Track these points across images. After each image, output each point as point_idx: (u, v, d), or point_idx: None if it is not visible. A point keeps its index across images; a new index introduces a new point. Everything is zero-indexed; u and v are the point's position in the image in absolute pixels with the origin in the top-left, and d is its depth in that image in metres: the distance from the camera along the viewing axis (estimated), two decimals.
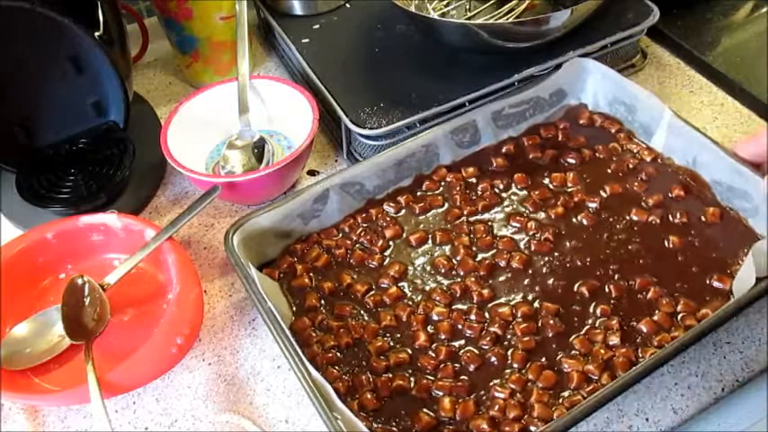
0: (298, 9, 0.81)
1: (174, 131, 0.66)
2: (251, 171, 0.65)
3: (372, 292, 0.57)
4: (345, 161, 0.72)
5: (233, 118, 0.70)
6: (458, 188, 0.64)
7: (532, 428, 0.47)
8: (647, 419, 0.51)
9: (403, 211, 0.63)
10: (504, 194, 0.64)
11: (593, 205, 0.62)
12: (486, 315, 0.55)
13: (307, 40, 0.77)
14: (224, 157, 0.68)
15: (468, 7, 0.79)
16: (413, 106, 0.66)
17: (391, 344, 0.53)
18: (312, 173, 0.72)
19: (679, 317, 0.53)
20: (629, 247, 0.58)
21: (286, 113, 0.71)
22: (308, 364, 0.48)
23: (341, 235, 0.62)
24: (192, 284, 0.54)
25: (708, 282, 0.55)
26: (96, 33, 0.64)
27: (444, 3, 0.79)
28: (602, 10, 0.70)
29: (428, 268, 0.59)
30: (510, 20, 0.74)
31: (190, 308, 0.53)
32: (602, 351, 0.51)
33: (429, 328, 0.54)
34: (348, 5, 0.82)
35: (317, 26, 0.79)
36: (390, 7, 0.72)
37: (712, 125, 0.72)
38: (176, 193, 0.72)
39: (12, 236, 0.61)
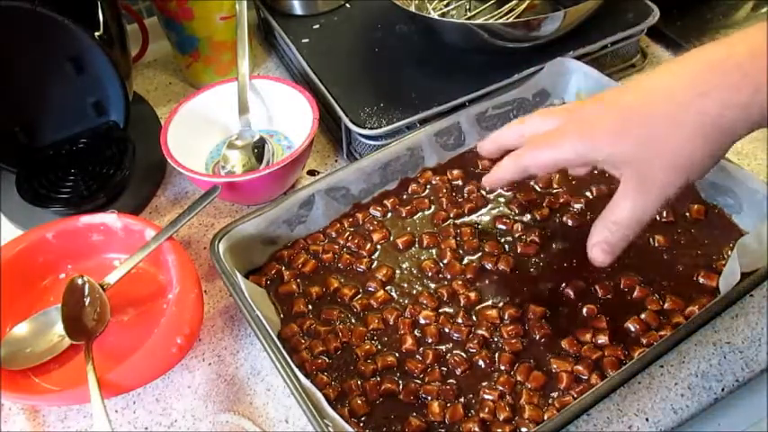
0: (298, 9, 0.81)
1: (174, 131, 0.66)
2: (251, 171, 0.65)
3: (360, 296, 0.57)
4: (345, 161, 0.72)
5: (233, 118, 0.70)
6: (444, 191, 0.64)
7: (524, 430, 0.47)
8: (647, 419, 0.51)
9: (389, 215, 0.63)
10: (490, 196, 0.64)
11: (578, 206, 0.62)
12: (474, 318, 0.54)
13: (307, 40, 0.77)
14: (224, 157, 0.68)
15: (468, 7, 0.79)
16: (413, 106, 0.66)
17: (379, 347, 0.53)
18: (312, 173, 0.72)
19: (666, 315, 0.53)
20: None
21: (286, 113, 0.71)
22: (297, 371, 0.48)
23: (327, 240, 0.61)
24: (192, 284, 0.54)
25: (694, 279, 0.55)
26: (96, 33, 0.64)
27: (444, 3, 0.79)
28: (602, 10, 0.70)
29: (415, 271, 0.59)
30: (510, 20, 0.74)
31: (190, 308, 0.53)
32: (591, 351, 0.51)
33: (416, 331, 0.54)
34: (348, 5, 0.82)
35: (316, 26, 0.79)
36: (390, 7, 0.72)
37: None
38: (176, 193, 0.72)
39: (12, 236, 0.61)
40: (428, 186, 0.65)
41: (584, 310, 0.54)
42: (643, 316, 0.53)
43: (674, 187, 0.41)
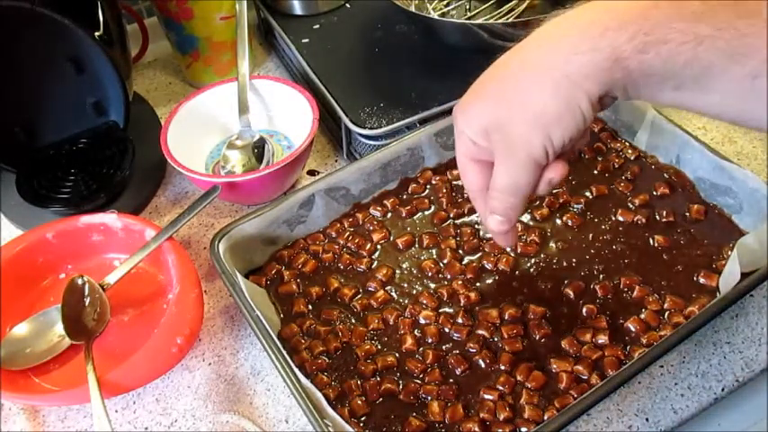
0: (298, 9, 0.81)
1: (174, 131, 0.67)
2: (251, 171, 0.65)
3: (360, 296, 0.57)
4: (345, 161, 0.72)
5: (233, 118, 0.70)
6: (444, 190, 0.64)
7: (524, 430, 0.47)
8: (647, 419, 0.51)
9: (389, 215, 0.63)
10: None
11: (578, 206, 0.62)
12: (474, 318, 0.54)
13: (307, 40, 0.77)
14: (224, 157, 0.68)
15: (468, 7, 0.79)
16: (413, 106, 0.66)
17: (379, 347, 0.53)
18: (312, 173, 0.72)
19: (666, 315, 0.53)
20: (615, 246, 0.58)
21: (286, 113, 0.71)
22: (297, 372, 0.48)
23: (327, 240, 0.61)
24: (192, 284, 0.54)
25: (694, 279, 0.55)
26: (96, 33, 0.64)
27: (444, 3, 0.79)
28: None
29: (415, 271, 0.59)
30: (510, 20, 0.74)
31: (190, 308, 0.53)
32: (591, 351, 0.51)
33: (416, 331, 0.54)
34: (348, 5, 0.82)
35: (316, 26, 0.79)
36: (390, 7, 0.72)
37: (712, 125, 0.73)
38: (176, 193, 0.72)
39: (12, 236, 0.61)
40: (428, 186, 0.65)
41: (584, 310, 0.54)
42: (643, 316, 0.53)
43: (538, 147, 0.39)
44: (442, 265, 0.59)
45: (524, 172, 0.41)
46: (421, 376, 0.51)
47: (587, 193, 0.63)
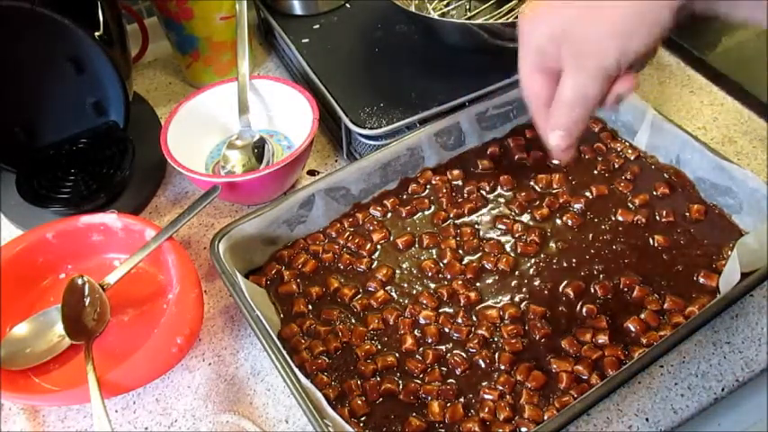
0: (298, 9, 0.81)
1: (174, 131, 0.66)
2: (251, 171, 0.65)
3: (360, 296, 0.57)
4: (345, 161, 0.72)
5: (233, 118, 0.70)
6: (444, 190, 0.64)
7: (524, 430, 0.47)
8: (647, 419, 0.51)
9: (389, 215, 0.63)
10: (489, 196, 0.64)
11: (578, 206, 0.62)
12: (474, 318, 0.55)
13: (307, 40, 0.77)
14: (224, 157, 0.68)
15: (468, 7, 0.79)
16: (413, 106, 0.66)
17: (379, 347, 0.53)
18: (312, 173, 0.72)
19: (666, 315, 0.53)
20: (614, 246, 0.58)
21: (286, 113, 0.71)
22: (297, 372, 0.48)
23: (327, 240, 0.61)
24: (192, 284, 0.54)
25: (694, 279, 0.55)
26: (96, 33, 0.64)
27: (444, 3, 0.79)
28: None
29: (415, 271, 0.59)
30: (510, 20, 0.74)
31: (190, 308, 0.53)
32: (591, 351, 0.51)
33: (416, 331, 0.54)
34: (348, 5, 0.82)
35: (316, 26, 0.79)
36: (390, 7, 0.72)
37: (712, 125, 0.73)
38: (176, 193, 0.72)
39: (12, 236, 0.61)
40: (428, 186, 0.65)
41: (584, 310, 0.54)
42: (643, 316, 0.53)
43: (611, 57, 0.38)
44: (442, 265, 0.59)
45: (594, 83, 0.40)
46: (421, 376, 0.51)
47: (587, 193, 0.63)
